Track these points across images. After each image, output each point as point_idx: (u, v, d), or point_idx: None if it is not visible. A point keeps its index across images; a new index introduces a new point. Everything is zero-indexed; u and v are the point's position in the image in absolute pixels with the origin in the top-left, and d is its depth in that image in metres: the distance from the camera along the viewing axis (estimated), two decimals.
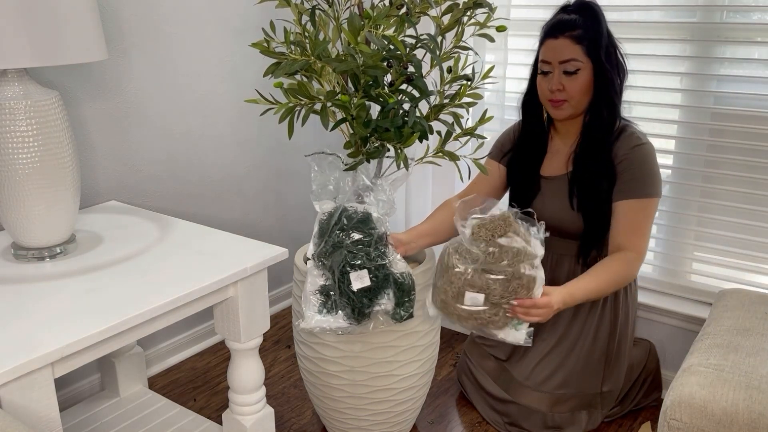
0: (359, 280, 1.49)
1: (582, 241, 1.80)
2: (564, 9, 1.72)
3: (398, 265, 1.55)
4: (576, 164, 1.76)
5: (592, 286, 1.63)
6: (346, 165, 1.58)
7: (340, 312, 1.50)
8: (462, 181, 1.97)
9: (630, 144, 1.70)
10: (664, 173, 2.09)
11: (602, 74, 1.68)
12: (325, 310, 1.51)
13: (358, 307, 1.50)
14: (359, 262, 1.49)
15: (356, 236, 1.52)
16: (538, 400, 1.83)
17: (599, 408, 1.87)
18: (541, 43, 1.72)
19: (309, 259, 1.54)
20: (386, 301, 1.52)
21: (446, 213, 1.81)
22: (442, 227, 1.77)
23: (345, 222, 1.54)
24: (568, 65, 1.67)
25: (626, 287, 1.86)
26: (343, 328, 1.51)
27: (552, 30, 1.70)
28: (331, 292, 1.51)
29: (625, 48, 1.95)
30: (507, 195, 1.96)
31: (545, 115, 1.82)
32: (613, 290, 1.71)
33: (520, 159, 1.87)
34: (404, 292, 1.54)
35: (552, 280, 1.89)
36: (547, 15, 2.14)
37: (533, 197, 1.85)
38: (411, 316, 1.56)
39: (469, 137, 1.66)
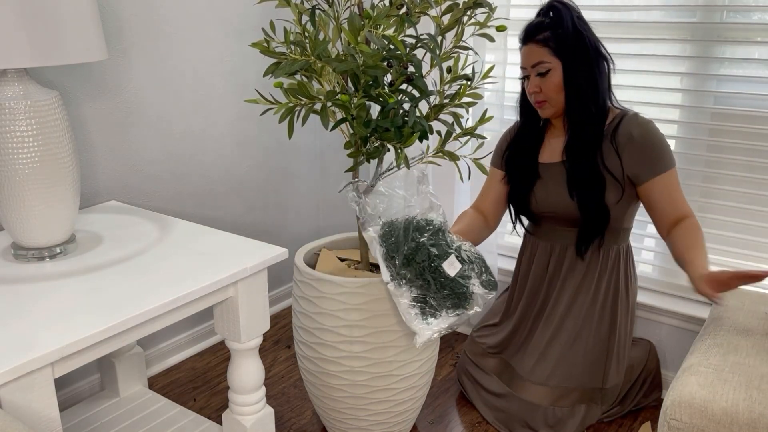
0: (451, 266, 1.57)
1: (580, 231, 1.82)
2: (538, 13, 1.79)
3: (464, 244, 1.66)
4: (567, 158, 1.81)
5: (704, 255, 1.64)
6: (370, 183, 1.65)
7: (443, 311, 1.55)
8: (462, 181, 1.97)
9: (637, 122, 1.75)
10: None
11: (571, 71, 1.73)
12: (429, 317, 1.55)
13: (461, 291, 1.56)
14: (447, 250, 1.59)
15: (425, 234, 1.62)
16: (541, 394, 1.84)
17: (599, 404, 1.88)
18: (520, 50, 1.81)
19: (386, 283, 1.57)
20: (474, 278, 1.60)
21: (469, 220, 1.91)
22: (469, 229, 1.87)
23: (414, 224, 1.63)
24: (539, 68, 1.75)
25: (627, 284, 1.87)
26: (453, 322, 1.56)
27: (522, 37, 1.79)
28: (427, 298, 1.55)
29: (626, 48, 1.95)
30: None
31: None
32: None
33: (518, 148, 1.91)
34: (481, 263, 1.64)
35: (554, 271, 1.89)
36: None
37: (533, 183, 1.87)
38: (496, 282, 1.66)
39: (468, 137, 1.66)
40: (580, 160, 1.78)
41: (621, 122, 1.76)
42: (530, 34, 1.76)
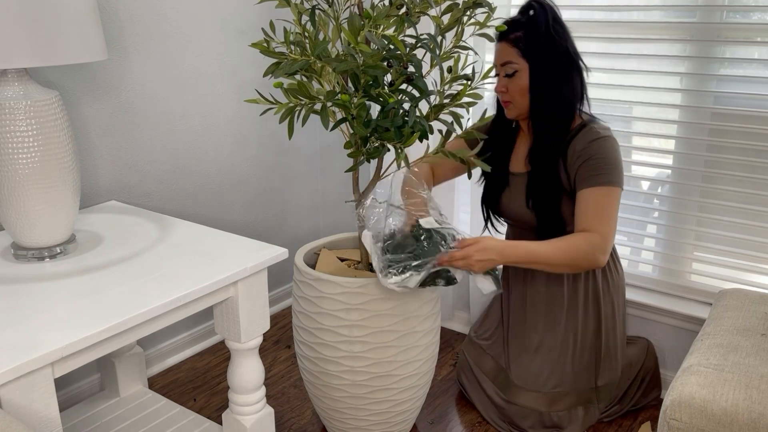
0: (430, 224, 1.65)
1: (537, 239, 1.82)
2: (519, 11, 1.75)
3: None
4: (530, 164, 1.80)
5: (542, 249, 1.64)
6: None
7: (420, 270, 1.57)
8: (469, 178, 1.97)
9: (588, 138, 1.71)
10: (664, 173, 2.09)
11: (537, 76, 1.70)
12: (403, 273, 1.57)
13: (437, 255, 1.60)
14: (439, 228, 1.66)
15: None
16: (535, 399, 1.84)
17: (596, 402, 1.88)
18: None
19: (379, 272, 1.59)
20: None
21: (422, 172, 1.90)
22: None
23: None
24: (507, 68, 1.73)
25: (608, 280, 1.86)
26: (423, 276, 1.57)
27: (496, 33, 1.76)
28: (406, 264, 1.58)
29: (626, 48, 1.94)
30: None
31: None
32: (569, 264, 1.66)
33: (492, 151, 1.88)
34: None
35: (531, 274, 1.90)
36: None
37: (502, 191, 1.88)
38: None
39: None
40: (540, 171, 1.76)
41: (576, 135, 1.73)
42: (504, 32, 1.73)
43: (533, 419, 1.84)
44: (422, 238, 1.61)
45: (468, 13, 1.58)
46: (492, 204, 1.93)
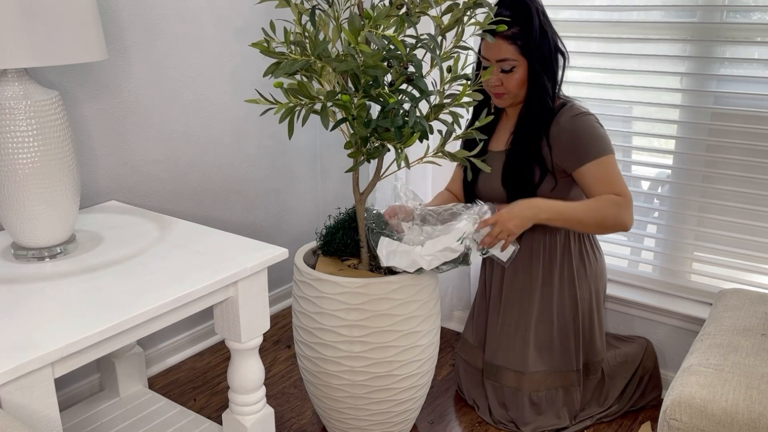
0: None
1: None
2: (499, 4, 1.76)
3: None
4: (511, 144, 1.84)
5: (572, 206, 1.71)
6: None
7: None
8: (468, 179, 1.97)
9: (569, 115, 1.77)
10: (664, 173, 2.10)
11: (535, 70, 1.76)
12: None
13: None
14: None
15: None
16: (520, 380, 1.88)
17: (578, 386, 1.90)
18: (482, 38, 1.78)
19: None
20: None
21: (441, 199, 2.01)
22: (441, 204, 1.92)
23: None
24: (504, 64, 1.77)
25: (586, 266, 1.89)
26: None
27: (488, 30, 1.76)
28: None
29: (626, 48, 1.93)
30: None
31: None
32: (599, 223, 1.72)
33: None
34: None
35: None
36: (548, 14, 2.12)
37: (480, 170, 1.90)
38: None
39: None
40: (521, 151, 1.80)
41: (558, 112, 1.79)
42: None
43: (516, 403, 1.88)
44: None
45: (468, 13, 1.58)
46: (471, 187, 1.96)
